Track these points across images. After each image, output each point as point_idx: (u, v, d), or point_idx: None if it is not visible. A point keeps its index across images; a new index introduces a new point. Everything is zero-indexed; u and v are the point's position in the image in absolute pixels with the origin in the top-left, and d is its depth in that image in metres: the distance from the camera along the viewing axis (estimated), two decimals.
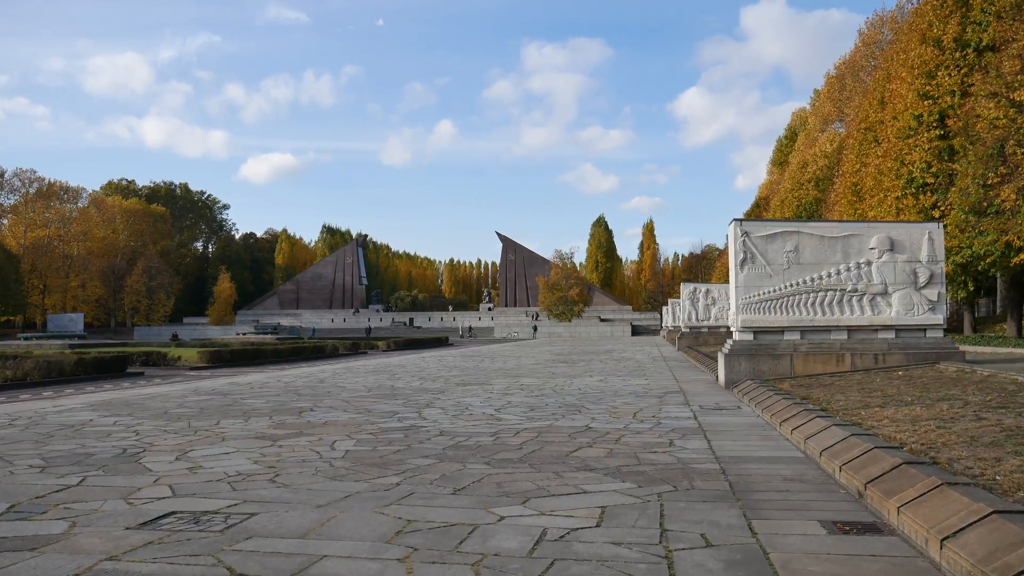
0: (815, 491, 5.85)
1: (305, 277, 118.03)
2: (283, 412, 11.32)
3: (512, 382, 16.93)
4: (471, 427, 9.58)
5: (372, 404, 12.42)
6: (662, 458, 7.29)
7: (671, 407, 11.67)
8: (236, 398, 13.56)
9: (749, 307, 14.97)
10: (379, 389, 15.36)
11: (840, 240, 14.88)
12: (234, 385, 16.74)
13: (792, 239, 14.95)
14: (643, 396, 13.46)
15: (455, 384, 16.47)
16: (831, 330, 14.90)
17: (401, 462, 7.17)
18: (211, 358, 31.01)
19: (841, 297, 14.82)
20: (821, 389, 11.62)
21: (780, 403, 10.12)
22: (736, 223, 15.24)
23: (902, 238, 14.79)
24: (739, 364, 14.81)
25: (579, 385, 15.98)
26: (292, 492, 5.94)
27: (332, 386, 16.16)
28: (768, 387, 12.35)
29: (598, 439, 8.49)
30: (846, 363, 14.62)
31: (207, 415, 11.02)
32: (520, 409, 11.56)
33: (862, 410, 8.79)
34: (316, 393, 14.51)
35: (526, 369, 21.88)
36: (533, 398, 13.30)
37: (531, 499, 5.65)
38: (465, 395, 13.97)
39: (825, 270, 14.85)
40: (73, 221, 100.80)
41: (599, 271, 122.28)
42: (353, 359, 33.41)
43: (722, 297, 38.01)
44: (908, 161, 22.50)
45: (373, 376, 19.28)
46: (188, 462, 7.24)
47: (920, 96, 22.37)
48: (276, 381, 17.82)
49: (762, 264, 14.97)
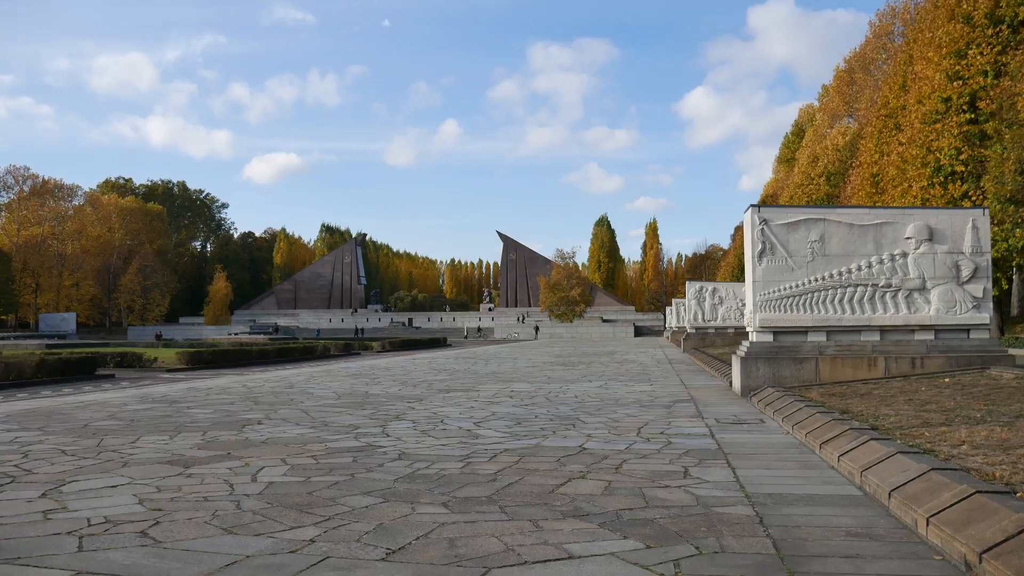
0: (896, 556, 4.12)
1: (303, 277, 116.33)
2: (223, 426, 9.60)
3: (502, 388, 15.20)
4: (439, 448, 7.85)
5: (334, 415, 10.69)
6: (676, 496, 5.56)
7: (682, 420, 9.93)
8: (182, 407, 11.84)
9: (768, 304, 13.23)
10: (350, 396, 13.64)
11: (872, 228, 13.13)
12: (192, 391, 15.03)
13: (817, 227, 13.20)
14: (648, 406, 11.72)
15: (437, 391, 14.74)
16: (861, 330, 13.14)
17: (332, 502, 5.44)
18: (190, 360, 29.29)
19: (873, 293, 13.06)
20: (858, 400, 9.88)
21: (815, 418, 8.38)
22: (753, 209, 13.49)
23: (942, 226, 13.03)
24: (757, 369, 13.06)
25: (576, 392, 14.24)
26: (157, 554, 4.21)
27: (300, 392, 14.44)
28: (794, 396, 10.61)
29: (594, 466, 6.76)
30: (879, 368, 12.87)
31: (131, 430, 9.30)
32: (504, 423, 9.83)
33: (923, 429, 7.05)
34: (277, 401, 12.80)
35: (520, 373, 20.15)
36: (522, 408, 11.56)
37: (492, 570, 3.93)
38: (445, 404, 12.25)
39: (854, 262, 13.10)
40: (68, 219, 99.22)
41: (601, 271, 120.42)
42: (341, 361, 31.69)
43: (730, 296, 36.26)
44: (935, 148, 20.76)
45: (351, 380, 17.55)
46: (53, 500, 5.52)
47: (949, 77, 20.62)
48: (241, 386, 16.10)
49: (783, 256, 13.22)
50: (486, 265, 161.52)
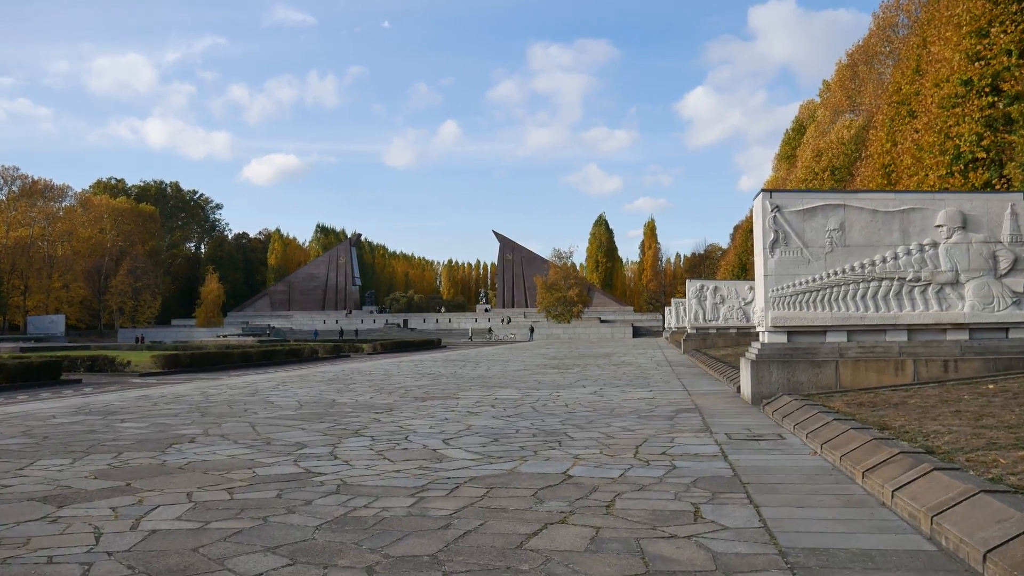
0: None
1: (297, 278, 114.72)
2: (147, 445, 8.14)
3: (485, 395, 13.74)
4: (392, 475, 6.40)
5: (283, 431, 9.23)
6: (687, 553, 4.12)
7: (686, 436, 8.49)
8: (114, 421, 10.38)
9: (781, 301, 11.78)
10: (314, 406, 12.18)
11: (898, 216, 11.68)
12: (142, 400, 13.57)
13: (836, 214, 11.75)
14: (647, 417, 10.27)
15: (413, 398, 13.28)
16: (886, 330, 11.69)
17: (218, 565, 3.99)
18: (166, 363, 27.80)
19: (899, 288, 11.62)
20: (893, 411, 8.44)
21: (849, 435, 6.94)
22: (764, 195, 12.05)
23: (977, 213, 11.59)
24: (769, 373, 11.61)
25: (567, 399, 12.79)
26: None
27: (259, 401, 12.97)
28: (816, 406, 9.16)
29: (579, 503, 5.31)
30: (907, 372, 11.43)
31: (33, 451, 7.83)
32: (479, 439, 8.38)
33: (993, 453, 5.61)
34: (229, 412, 11.33)
35: (510, 377, 18.69)
36: (503, 419, 10.11)
37: None
38: (417, 414, 10.79)
39: (879, 253, 11.66)
40: (58, 220, 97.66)
41: (599, 271, 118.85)
42: (326, 364, 30.20)
43: (732, 295, 34.81)
44: (955, 134, 19.36)
45: (323, 387, 16.09)
46: None
47: (969, 58, 19.24)
48: (199, 394, 14.63)
49: (798, 246, 11.78)
50: (483, 266, 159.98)
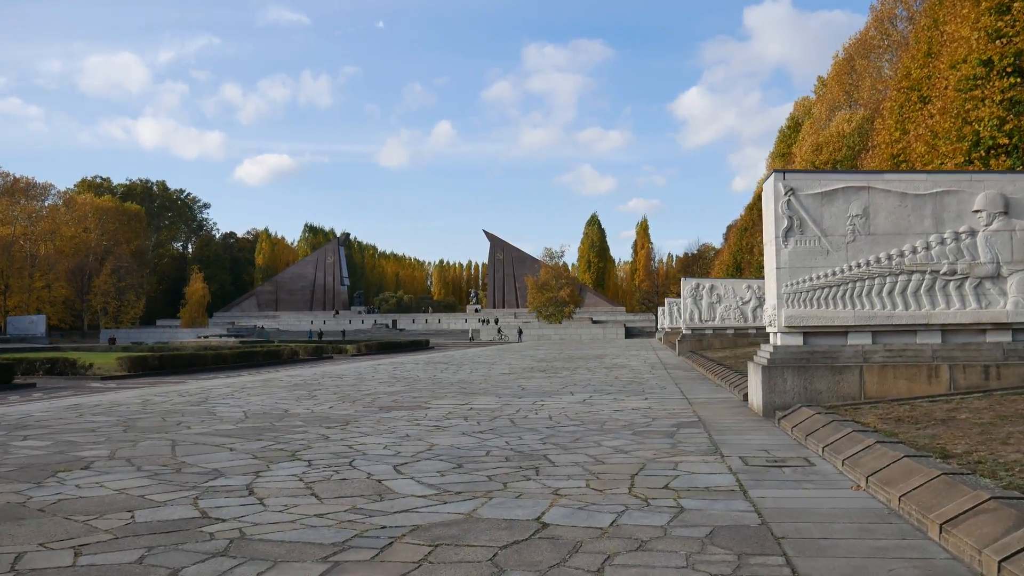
0: None
1: (284, 278, 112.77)
2: (26, 473, 6.57)
3: (460, 405, 12.18)
4: (309, 523, 4.85)
5: (206, 452, 7.67)
6: None
7: (693, 459, 6.96)
8: (13, 438, 8.78)
9: (796, 298, 10.27)
10: (261, 417, 10.60)
11: (930, 199, 10.20)
12: (72, 410, 11.96)
13: (859, 198, 10.26)
14: (644, 433, 8.75)
15: (378, 408, 11.71)
16: (917, 330, 10.20)
17: None
18: (132, 366, 26.16)
19: (932, 282, 10.13)
20: (943, 429, 6.94)
21: (903, 464, 5.43)
22: (777, 176, 10.55)
23: (1021, 195, 10.12)
24: (783, 381, 10.10)
25: (552, 410, 11.26)
26: None
27: (202, 412, 11.38)
28: (845, 421, 7.66)
29: (553, 573, 3.77)
30: (941, 380, 9.93)
31: None
32: (439, 464, 6.84)
33: None
34: (156, 426, 9.76)
35: (493, 382, 17.14)
36: (474, 436, 8.57)
37: None
38: (376, 429, 9.24)
39: (908, 243, 10.17)
40: (40, 219, 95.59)
41: (591, 271, 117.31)
42: (303, 367, 28.57)
43: (729, 294, 33.34)
44: (973, 119, 17.94)
45: (284, 393, 14.51)
46: None
47: (989, 36, 17.84)
48: (139, 402, 13.04)
49: (815, 235, 10.28)
50: (475, 266, 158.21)
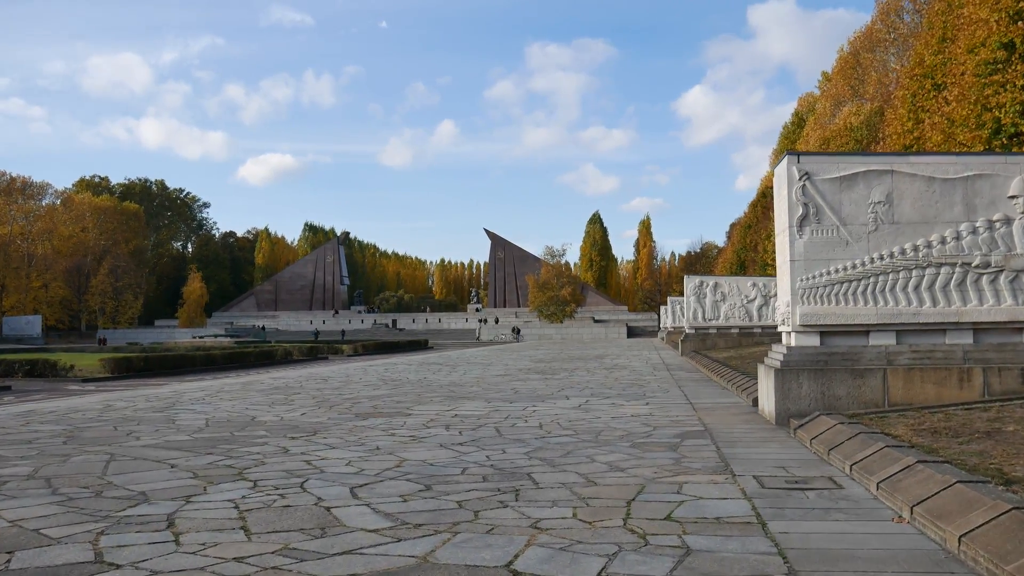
0: None
1: (284, 277, 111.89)
2: None
3: (444, 410, 11.22)
4: (225, 570, 3.89)
5: (144, 470, 6.71)
6: None
7: (699, 479, 6.00)
8: None
9: (813, 293, 9.30)
10: (222, 426, 9.65)
11: (960, 184, 9.22)
12: (21, 417, 11.02)
13: (882, 183, 9.28)
14: (644, 446, 7.78)
15: (354, 415, 10.74)
16: (947, 329, 9.22)
17: None
18: (116, 367, 25.25)
19: (963, 276, 9.15)
20: (992, 444, 5.97)
21: (956, 491, 4.45)
22: (791, 158, 9.58)
23: None
24: (799, 385, 9.12)
25: (543, 417, 10.29)
26: None
27: (160, 420, 10.43)
28: (875, 434, 6.69)
29: None
30: (974, 384, 8.95)
31: None
32: (404, 485, 5.88)
33: None
34: (101, 437, 8.80)
35: (484, 385, 16.17)
36: (452, 449, 7.61)
37: None
38: (345, 440, 8.28)
39: (936, 232, 9.19)
40: (38, 219, 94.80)
41: (593, 270, 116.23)
42: (295, 367, 27.63)
43: (733, 292, 32.33)
44: (993, 105, 16.98)
45: (259, 398, 13.56)
46: None
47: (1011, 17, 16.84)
48: (100, 408, 12.08)
49: (833, 224, 9.31)
50: (476, 265, 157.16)
